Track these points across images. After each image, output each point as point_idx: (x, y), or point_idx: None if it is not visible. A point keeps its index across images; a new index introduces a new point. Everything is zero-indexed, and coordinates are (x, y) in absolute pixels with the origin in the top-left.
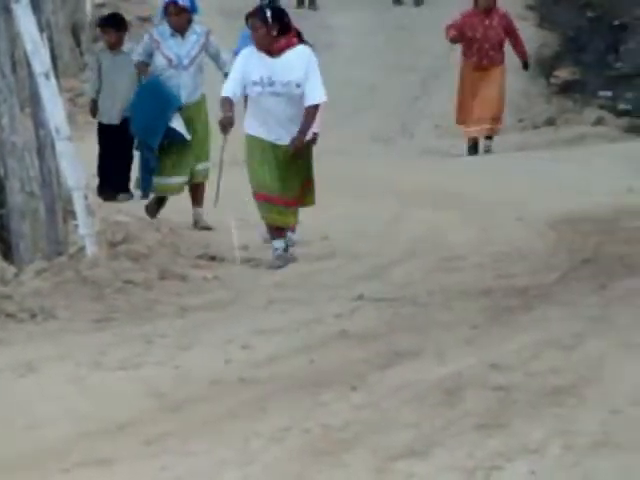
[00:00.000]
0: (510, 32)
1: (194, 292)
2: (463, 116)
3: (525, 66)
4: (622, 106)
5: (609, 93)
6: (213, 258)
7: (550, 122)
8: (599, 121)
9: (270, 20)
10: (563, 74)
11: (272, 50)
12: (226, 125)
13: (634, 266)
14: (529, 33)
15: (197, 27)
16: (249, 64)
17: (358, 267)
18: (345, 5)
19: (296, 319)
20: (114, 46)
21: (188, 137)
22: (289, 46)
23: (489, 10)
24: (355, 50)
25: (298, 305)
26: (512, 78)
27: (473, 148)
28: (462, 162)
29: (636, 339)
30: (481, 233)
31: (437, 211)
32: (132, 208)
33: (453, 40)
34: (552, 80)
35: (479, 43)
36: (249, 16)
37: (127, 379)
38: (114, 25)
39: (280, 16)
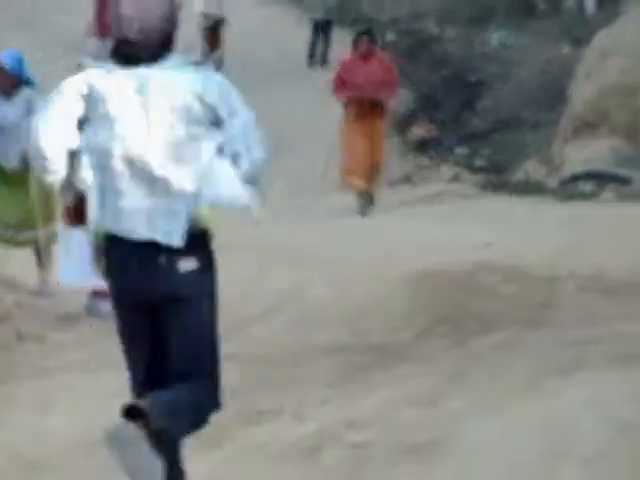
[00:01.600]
0: (389, 73)
1: (53, 353)
2: (347, 168)
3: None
4: (478, 163)
5: (465, 150)
6: (71, 318)
7: (406, 179)
8: (455, 178)
9: None
10: (419, 131)
11: None
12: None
13: (490, 322)
14: None
15: (27, 90)
16: None
17: None
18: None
19: None
20: None
21: None
22: None
23: (368, 55)
24: None
25: None
26: None
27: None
28: (319, 221)
29: (492, 396)
30: (338, 290)
31: (294, 269)
32: None
33: (347, 103)
34: (408, 137)
35: (359, 89)
36: None
37: None
38: None
39: None
